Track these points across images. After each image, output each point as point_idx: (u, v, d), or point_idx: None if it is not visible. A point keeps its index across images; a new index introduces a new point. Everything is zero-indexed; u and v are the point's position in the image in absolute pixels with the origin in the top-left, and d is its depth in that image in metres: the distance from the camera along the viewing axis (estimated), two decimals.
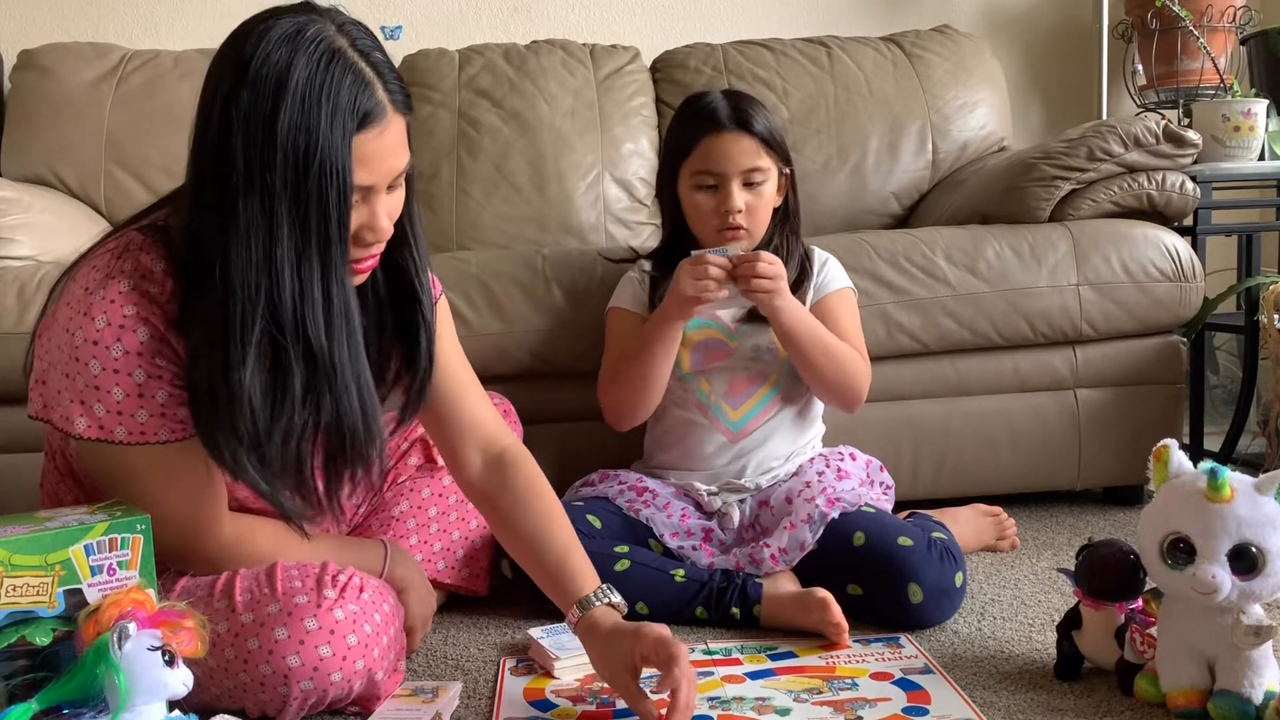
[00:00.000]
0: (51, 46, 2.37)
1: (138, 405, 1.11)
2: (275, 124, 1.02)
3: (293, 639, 1.13)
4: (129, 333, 1.09)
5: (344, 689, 1.17)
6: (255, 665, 1.15)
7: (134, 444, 1.12)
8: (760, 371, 1.67)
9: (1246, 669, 1.10)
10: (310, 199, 1.03)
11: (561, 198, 2.39)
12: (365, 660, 1.17)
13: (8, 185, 2.07)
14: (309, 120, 1.02)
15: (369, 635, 1.17)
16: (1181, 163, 2.03)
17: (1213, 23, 2.55)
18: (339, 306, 1.08)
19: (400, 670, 1.29)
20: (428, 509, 1.54)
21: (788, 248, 1.70)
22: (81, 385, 1.10)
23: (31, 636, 1.02)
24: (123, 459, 1.14)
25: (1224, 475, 1.10)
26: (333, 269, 1.07)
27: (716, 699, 1.24)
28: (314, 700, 1.16)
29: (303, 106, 1.02)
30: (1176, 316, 1.98)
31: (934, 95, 2.52)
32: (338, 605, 1.16)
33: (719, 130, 1.62)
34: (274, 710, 1.17)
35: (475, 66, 2.48)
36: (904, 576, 1.43)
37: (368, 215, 1.10)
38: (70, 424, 1.11)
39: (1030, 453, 1.98)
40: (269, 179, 1.02)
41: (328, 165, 1.03)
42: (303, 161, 1.02)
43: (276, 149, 1.02)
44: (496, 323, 1.81)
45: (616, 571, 1.50)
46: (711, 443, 1.66)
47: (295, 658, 1.13)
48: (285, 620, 1.14)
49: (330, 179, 1.03)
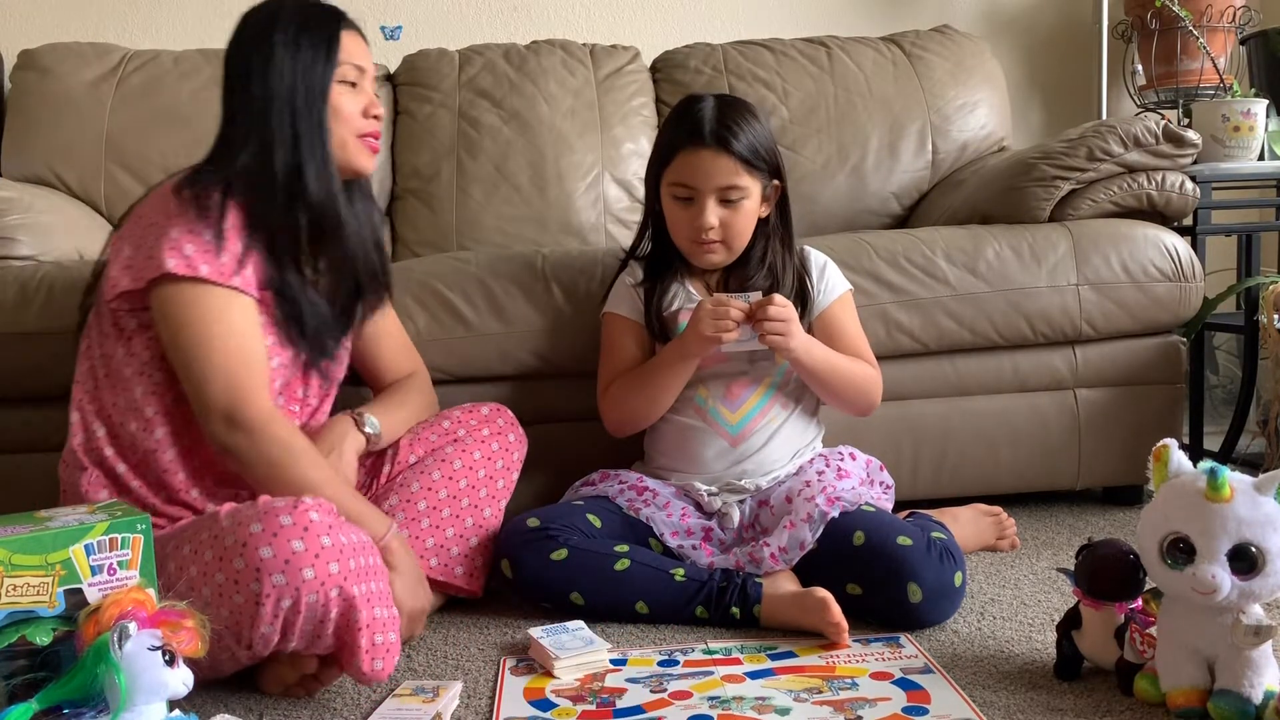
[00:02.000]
0: (51, 46, 2.37)
1: (221, 247, 1.34)
2: (272, 37, 1.41)
3: (266, 531, 1.17)
4: (215, 191, 1.37)
5: (318, 596, 1.17)
6: (230, 561, 1.18)
7: (212, 283, 1.33)
8: (757, 375, 1.67)
9: (1246, 669, 1.10)
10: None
11: (561, 198, 2.39)
12: (340, 567, 1.18)
13: (8, 185, 2.07)
14: (302, 25, 1.43)
15: (344, 545, 1.20)
16: (1181, 163, 2.03)
17: (1212, 23, 2.55)
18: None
19: (395, 643, 1.25)
20: (417, 503, 1.53)
21: (780, 261, 1.69)
22: (175, 234, 1.33)
23: (32, 636, 1.02)
24: (198, 301, 1.33)
25: (1224, 475, 1.10)
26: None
27: (716, 699, 1.24)
28: (288, 604, 1.16)
29: (298, 18, 1.43)
30: (1176, 316, 1.98)
31: (934, 95, 2.52)
32: (313, 509, 1.20)
33: (698, 146, 1.61)
34: (248, 619, 1.17)
35: (475, 66, 2.48)
36: (903, 576, 1.43)
37: (366, 98, 1.48)
38: (161, 266, 1.32)
39: (1030, 453, 1.98)
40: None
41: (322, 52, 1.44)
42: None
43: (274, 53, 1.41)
44: (496, 323, 1.81)
45: (616, 570, 1.50)
46: (712, 447, 1.66)
47: (268, 549, 1.16)
48: (261, 518, 1.19)
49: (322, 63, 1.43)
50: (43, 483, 1.63)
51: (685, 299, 1.70)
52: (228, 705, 1.27)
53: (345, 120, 1.45)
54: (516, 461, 1.65)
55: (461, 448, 1.59)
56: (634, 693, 1.27)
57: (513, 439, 1.65)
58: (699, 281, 1.73)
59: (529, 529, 1.54)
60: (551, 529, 1.53)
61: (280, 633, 1.19)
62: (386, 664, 1.23)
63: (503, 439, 1.63)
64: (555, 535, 1.53)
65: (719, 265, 1.69)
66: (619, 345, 1.72)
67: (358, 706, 1.27)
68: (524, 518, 1.57)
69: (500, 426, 1.64)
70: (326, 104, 1.43)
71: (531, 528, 1.54)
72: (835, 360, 1.65)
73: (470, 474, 1.58)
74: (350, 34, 1.47)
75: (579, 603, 1.51)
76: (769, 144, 1.66)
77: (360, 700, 1.29)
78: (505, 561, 1.54)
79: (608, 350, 1.74)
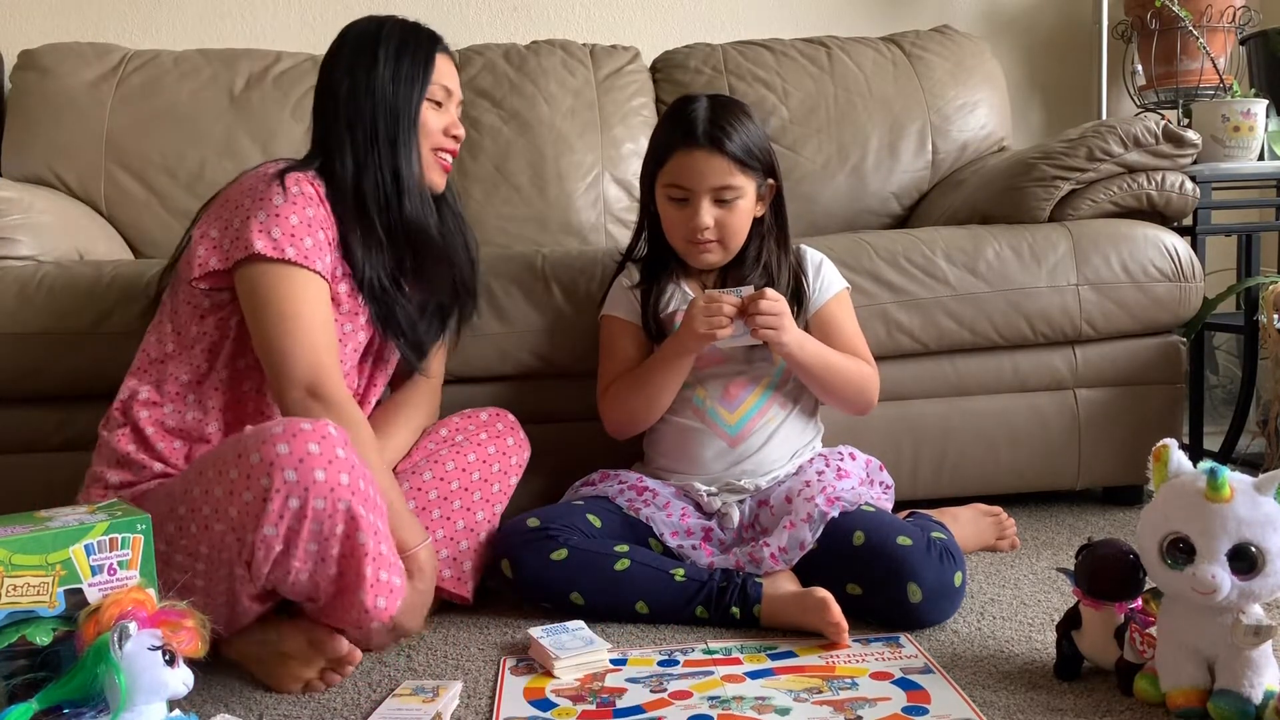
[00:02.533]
0: (51, 46, 2.37)
1: (306, 232, 1.40)
2: (377, 51, 1.50)
3: (286, 432, 1.22)
4: (304, 183, 1.43)
5: (326, 503, 1.19)
6: (246, 456, 1.21)
7: (297, 264, 1.38)
8: (755, 375, 1.68)
9: (1246, 669, 1.10)
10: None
11: (561, 198, 2.40)
12: (350, 480, 1.21)
13: (8, 185, 2.07)
14: (403, 42, 1.52)
15: (357, 464, 1.25)
16: (1181, 163, 2.03)
17: (1212, 23, 2.55)
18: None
19: (400, 586, 1.28)
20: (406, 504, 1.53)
21: (776, 260, 1.69)
22: (263, 217, 1.39)
23: (32, 636, 1.02)
24: (284, 280, 1.38)
25: (1224, 475, 1.10)
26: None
27: (716, 698, 1.24)
28: (295, 505, 1.19)
29: (400, 35, 1.52)
30: (1176, 316, 1.98)
31: (934, 95, 2.52)
32: (332, 426, 1.25)
33: (691, 147, 1.62)
34: (253, 518, 1.19)
35: (475, 66, 2.48)
36: (903, 576, 1.43)
37: (449, 119, 1.56)
38: (250, 247, 1.38)
39: (1030, 453, 1.98)
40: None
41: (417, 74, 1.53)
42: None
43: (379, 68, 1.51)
44: (496, 323, 1.81)
45: (616, 570, 1.50)
46: (711, 448, 1.66)
47: (284, 445, 1.20)
48: (283, 424, 1.23)
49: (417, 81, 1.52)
50: (43, 483, 1.64)
51: (681, 300, 1.70)
52: (228, 705, 1.27)
53: (428, 135, 1.53)
54: (515, 466, 1.65)
55: (456, 451, 1.59)
56: (634, 693, 1.27)
57: (512, 443, 1.65)
58: (695, 282, 1.73)
59: (529, 529, 1.54)
60: (551, 529, 1.53)
61: (284, 541, 1.20)
62: (389, 604, 1.26)
63: (501, 443, 1.63)
64: (555, 535, 1.53)
65: (715, 265, 1.69)
66: (617, 348, 1.72)
67: (358, 707, 1.27)
68: (524, 518, 1.57)
69: (499, 431, 1.64)
70: (419, 119, 1.51)
71: (531, 528, 1.54)
72: (830, 357, 1.65)
73: (463, 476, 1.58)
74: (444, 57, 1.56)
75: (579, 603, 1.51)
76: (763, 143, 1.66)
77: (360, 700, 1.29)
78: (505, 561, 1.54)
79: (606, 353, 1.74)
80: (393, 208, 1.49)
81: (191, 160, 2.29)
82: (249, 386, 1.47)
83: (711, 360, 1.66)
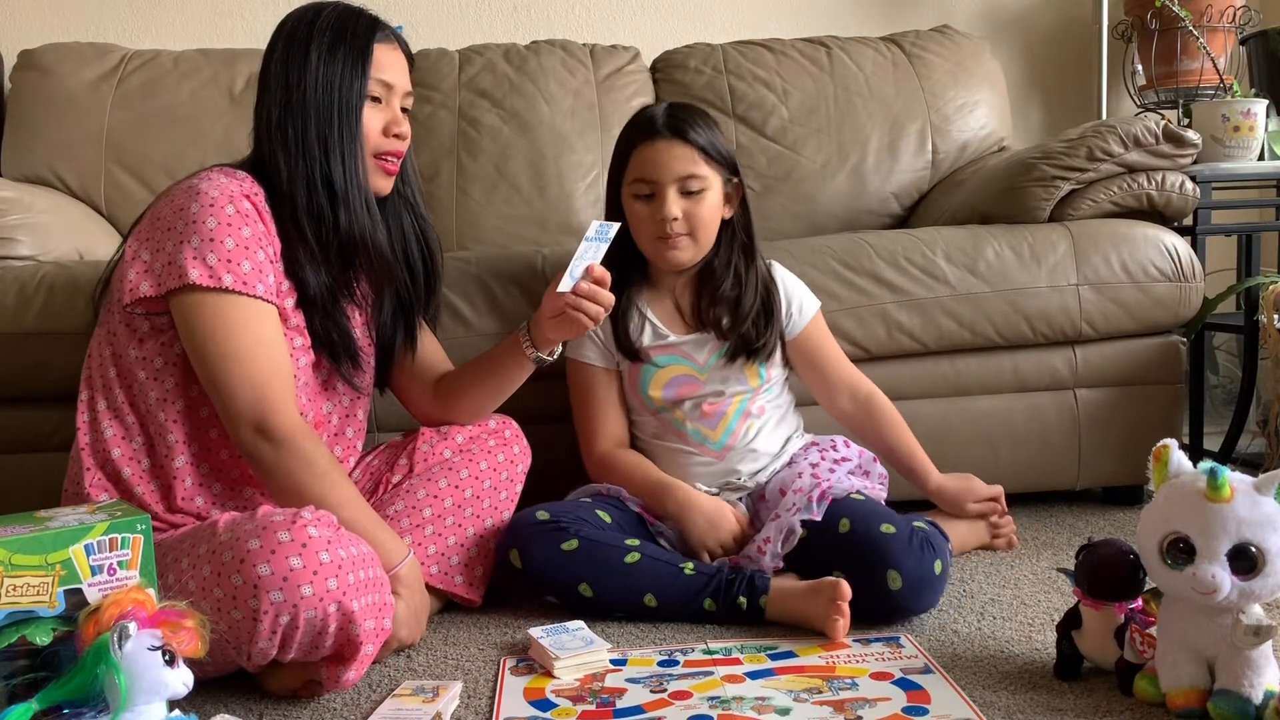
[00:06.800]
0: (51, 46, 2.37)
1: (244, 255, 1.31)
2: (308, 47, 1.39)
3: (264, 548, 1.17)
4: (238, 199, 1.33)
5: (316, 611, 1.17)
6: (228, 577, 1.17)
7: (236, 292, 1.30)
8: (731, 392, 1.67)
9: (1246, 669, 1.10)
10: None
11: (561, 198, 2.40)
12: (339, 583, 1.18)
13: (8, 185, 2.07)
14: (338, 35, 1.40)
15: (343, 560, 1.19)
16: (1181, 163, 2.03)
17: (1212, 23, 2.55)
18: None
19: (384, 627, 1.26)
20: (422, 509, 1.53)
21: (746, 274, 1.67)
22: (196, 242, 1.30)
23: (32, 636, 1.02)
24: (222, 311, 1.30)
25: (1224, 475, 1.10)
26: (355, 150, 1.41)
27: (716, 699, 1.24)
28: (286, 620, 1.16)
29: (335, 25, 1.40)
30: (1176, 316, 1.98)
31: (934, 95, 2.52)
32: (312, 524, 1.20)
33: (653, 138, 1.61)
34: (246, 634, 1.17)
35: (475, 66, 2.48)
36: (884, 563, 1.44)
37: (390, 116, 1.45)
38: (184, 276, 1.29)
39: (1030, 453, 1.98)
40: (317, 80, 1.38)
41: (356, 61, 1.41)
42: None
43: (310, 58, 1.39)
44: (496, 323, 1.81)
45: (627, 563, 1.50)
46: (700, 463, 1.68)
47: (265, 566, 1.16)
48: (259, 533, 1.18)
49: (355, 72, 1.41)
50: (43, 483, 1.63)
51: (653, 335, 1.68)
52: (228, 705, 1.27)
53: (366, 137, 1.42)
54: (521, 473, 1.65)
55: (468, 458, 1.59)
56: (634, 693, 1.27)
57: (518, 450, 1.65)
58: (663, 305, 1.70)
59: (539, 520, 1.54)
60: (562, 520, 1.53)
61: (279, 647, 1.19)
62: (378, 645, 1.26)
63: (508, 450, 1.63)
64: (566, 526, 1.52)
65: (686, 264, 1.66)
66: (594, 398, 1.70)
67: (358, 707, 1.27)
68: (533, 510, 1.56)
69: (507, 438, 1.64)
70: (358, 120, 1.40)
71: (542, 519, 1.54)
72: (913, 446, 1.75)
73: (476, 484, 1.58)
74: (385, 46, 1.44)
75: (587, 594, 1.50)
76: (725, 144, 1.65)
77: (360, 700, 1.29)
78: (514, 551, 1.53)
79: (582, 402, 1.72)
80: (325, 220, 1.38)
81: (191, 160, 2.28)
82: (206, 413, 1.39)
83: (688, 387, 1.67)
